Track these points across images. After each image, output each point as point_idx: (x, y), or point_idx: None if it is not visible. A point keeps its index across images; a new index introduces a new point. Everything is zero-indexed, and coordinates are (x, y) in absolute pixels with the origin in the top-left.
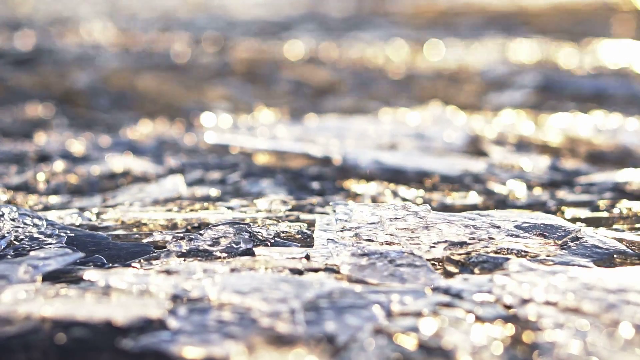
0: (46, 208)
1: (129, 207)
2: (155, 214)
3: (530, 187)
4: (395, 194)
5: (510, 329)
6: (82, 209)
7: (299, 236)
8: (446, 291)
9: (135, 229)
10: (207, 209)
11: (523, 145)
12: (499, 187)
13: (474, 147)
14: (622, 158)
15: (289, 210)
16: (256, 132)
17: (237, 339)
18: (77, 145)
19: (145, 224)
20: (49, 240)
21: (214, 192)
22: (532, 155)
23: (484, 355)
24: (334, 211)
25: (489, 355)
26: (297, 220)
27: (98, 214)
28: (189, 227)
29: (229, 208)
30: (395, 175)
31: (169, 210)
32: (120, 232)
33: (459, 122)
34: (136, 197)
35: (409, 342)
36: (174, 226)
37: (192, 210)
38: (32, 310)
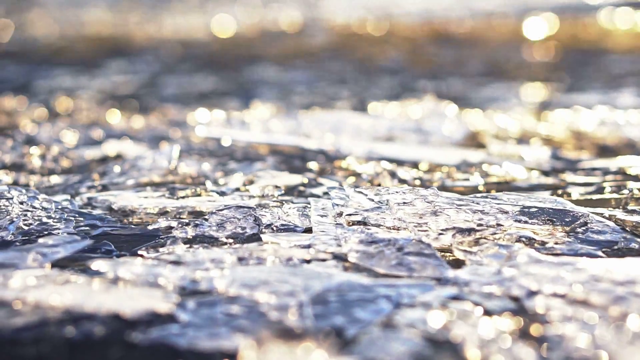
0: (49, 189)
1: (125, 186)
2: (155, 200)
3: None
4: (393, 175)
5: (518, 322)
6: (77, 191)
7: (304, 219)
8: (454, 283)
9: (137, 213)
10: (199, 194)
11: None
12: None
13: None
14: None
15: (285, 193)
16: (250, 126)
17: (245, 333)
18: None
19: (146, 208)
20: (58, 225)
21: (207, 169)
22: None
23: (492, 348)
24: (329, 195)
25: (497, 348)
26: (297, 203)
27: (91, 197)
28: (191, 212)
29: (221, 194)
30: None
31: (163, 195)
32: (122, 215)
33: None
34: (129, 174)
35: (417, 336)
36: (174, 212)
37: (185, 197)
38: (41, 298)
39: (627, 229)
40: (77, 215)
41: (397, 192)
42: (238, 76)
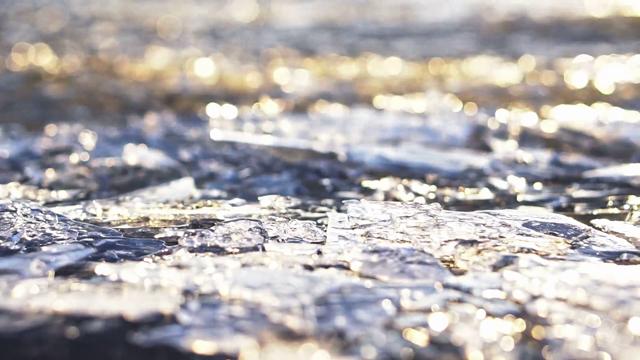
0: (55, 203)
1: (136, 203)
2: (163, 210)
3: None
4: (408, 190)
5: (520, 325)
6: (89, 207)
7: (310, 233)
8: (456, 288)
9: (143, 224)
10: (211, 205)
11: None
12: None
13: None
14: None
15: (299, 207)
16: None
17: (247, 334)
18: None
19: (153, 220)
20: (61, 236)
21: (222, 189)
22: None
23: (493, 351)
24: (346, 209)
25: (499, 351)
26: (309, 217)
27: (105, 210)
28: (198, 223)
29: (233, 205)
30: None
31: (175, 207)
32: (127, 226)
33: None
34: (148, 198)
35: (419, 338)
36: (182, 222)
37: (198, 207)
38: (45, 304)
39: (630, 242)
40: (80, 227)
41: (399, 206)
42: None
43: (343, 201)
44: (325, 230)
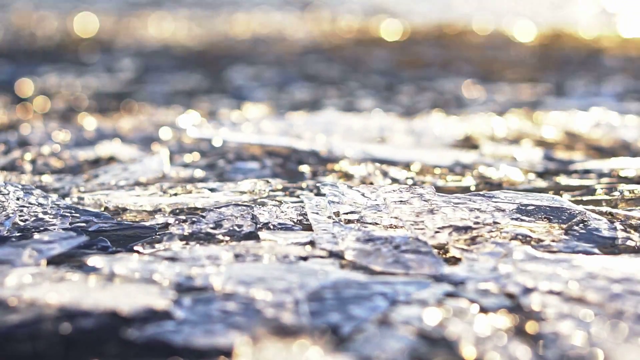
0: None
1: (116, 188)
2: (144, 198)
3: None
4: (385, 175)
5: (514, 319)
6: (68, 191)
7: (301, 218)
8: (450, 280)
9: (129, 212)
10: (190, 192)
11: None
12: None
13: None
14: None
15: (276, 190)
16: (241, 127)
17: (241, 330)
18: None
19: (139, 205)
20: (54, 221)
21: (199, 174)
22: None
23: (487, 345)
24: (323, 193)
25: (492, 345)
26: (293, 201)
27: (82, 197)
28: (187, 207)
29: (212, 190)
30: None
31: (155, 193)
32: (116, 214)
33: None
34: (120, 176)
35: (413, 333)
36: (170, 208)
37: (179, 194)
38: (37, 296)
39: (624, 226)
40: (73, 212)
41: (394, 190)
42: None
43: (318, 184)
44: (313, 215)
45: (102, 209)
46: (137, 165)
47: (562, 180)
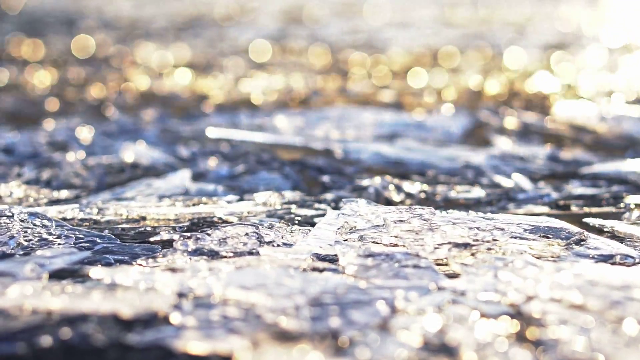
0: (53, 202)
1: (133, 201)
2: (160, 209)
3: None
4: (399, 189)
5: (514, 326)
6: (87, 205)
7: (307, 236)
8: (451, 289)
9: (139, 224)
10: (206, 203)
11: None
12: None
13: None
14: None
15: (293, 203)
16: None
17: (241, 335)
18: None
19: (149, 219)
20: (58, 240)
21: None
22: None
23: (488, 351)
24: (340, 210)
25: (493, 351)
26: (303, 214)
27: (101, 210)
28: (195, 223)
29: (229, 202)
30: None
31: (173, 205)
32: (125, 225)
33: None
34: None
35: (413, 339)
36: (179, 221)
37: (194, 205)
38: (38, 305)
39: (623, 243)
40: (77, 232)
41: (393, 211)
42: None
43: (343, 200)
44: (316, 230)
45: (124, 217)
46: (160, 182)
47: (568, 186)
